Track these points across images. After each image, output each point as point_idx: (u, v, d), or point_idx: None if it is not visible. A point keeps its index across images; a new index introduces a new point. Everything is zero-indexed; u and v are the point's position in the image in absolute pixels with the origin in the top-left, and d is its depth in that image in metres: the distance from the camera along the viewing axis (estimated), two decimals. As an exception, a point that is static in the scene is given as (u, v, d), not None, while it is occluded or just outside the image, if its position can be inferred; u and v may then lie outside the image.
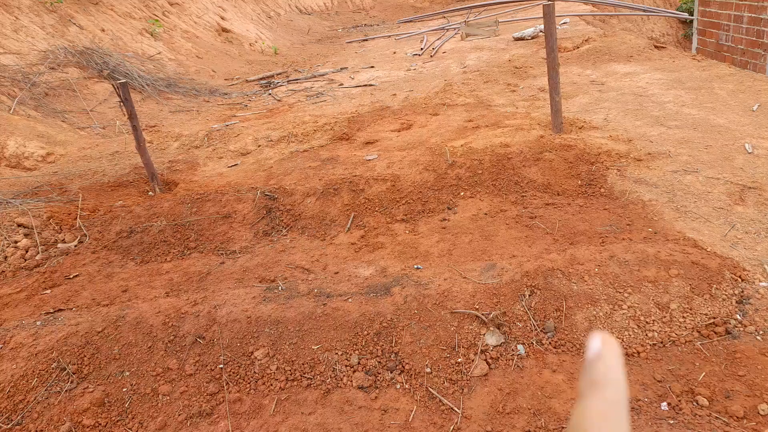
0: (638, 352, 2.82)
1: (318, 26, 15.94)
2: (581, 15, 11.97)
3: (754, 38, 12.15)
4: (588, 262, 3.19)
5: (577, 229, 3.84)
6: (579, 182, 4.42)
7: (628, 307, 2.95)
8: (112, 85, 5.09)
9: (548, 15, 5.12)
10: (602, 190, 4.32)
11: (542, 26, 10.31)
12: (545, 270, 3.14)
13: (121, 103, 4.97)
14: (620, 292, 3.01)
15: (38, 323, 3.22)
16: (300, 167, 5.41)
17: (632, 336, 2.87)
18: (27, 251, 4.34)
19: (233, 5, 13.41)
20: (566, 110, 5.76)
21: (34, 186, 5.31)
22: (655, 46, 8.71)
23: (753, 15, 11.86)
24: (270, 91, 9.00)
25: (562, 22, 11.00)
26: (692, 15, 13.90)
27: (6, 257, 4.24)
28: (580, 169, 4.52)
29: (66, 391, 2.85)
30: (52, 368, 2.93)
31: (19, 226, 4.48)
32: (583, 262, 3.19)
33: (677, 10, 17.67)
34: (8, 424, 2.75)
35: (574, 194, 4.33)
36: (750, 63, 11.82)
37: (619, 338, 2.87)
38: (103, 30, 8.74)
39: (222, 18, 12.16)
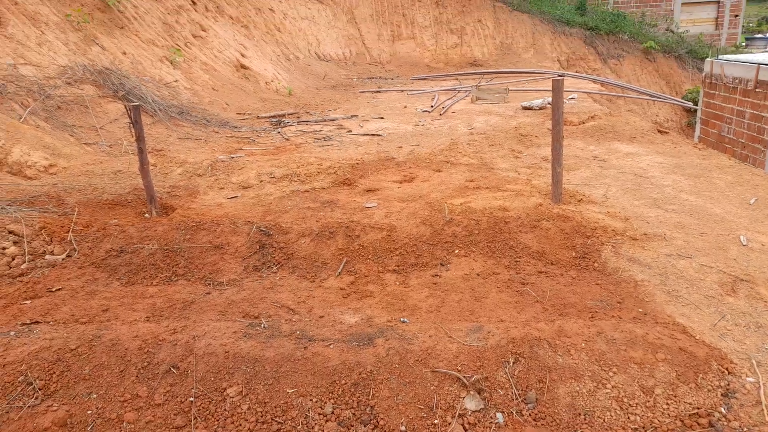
0: (619, 435, 2.75)
1: (334, 73, 16.36)
2: (589, 93, 12.33)
3: (755, 134, 12.47)
4: (575, 335, 3.16)
5: (567, 300, 3.82)
6: (573, 254, 4.44)
7: (612, 387, 2.90)
8: (125, 105, 5.16)
9: (557, 89, 5.27)
10: (596, 264, 4.32)
11: (549, 98, 10.61)
12: (532, 339, 3.10)
13: (131, 125, 5.04)
14: (605, 371, 2.96)
15: (11, 333, 3.15)
16: (299, 206, 5.43)
17: (614, 417, 2.81)
18: (13, 259, 4.29)
19: (254, 44, 13.80)
20: (567, 182, 5.84)
21: (32, 195, 5.30)
22: (659, 131, 8.94)
23: (755, 112, 12.24)
24: (279, 130, 9.15)
25: (570, 97, 11.32)
26: (696, 105, 14.34)
27: (-9, 263, 4.19)
28: (576, 241, 4.54)
29: (29, 406, 2.75)
30: (19, 381, 2.84)
31: (9, 233, 4.45)
32: (570, 335, 3.16)
33: (683, 98, 18.23)
34: (-38, 436, 2.64)
35: (567, 265, 4.34)
36: (750, 157, 12.09)
37: (600, 418, 2.80)
38: (124, 53, 8.96)
39: (242, 55, 12.49)
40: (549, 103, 10.24)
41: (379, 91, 14.14)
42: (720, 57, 14.71)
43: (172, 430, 2.71)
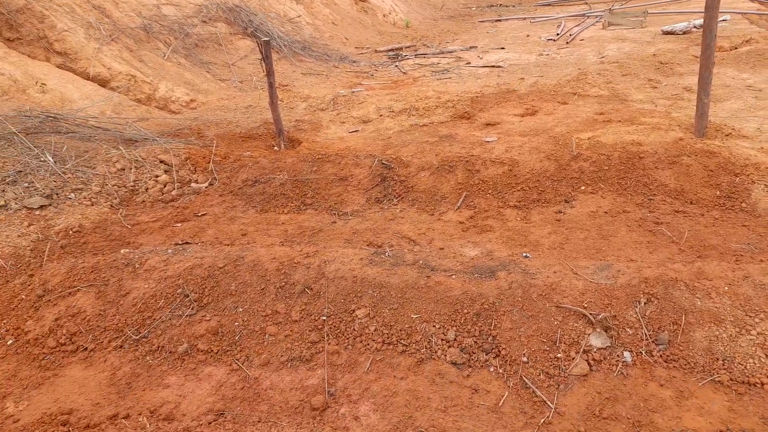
0: (762, 383, 2.57)
1: (452, 2, 15.74)
2: (745, 13, 10.78)
3: None
4: (717, 278, 2.94)
5: (708, 242, 3.54)
6: (717, 193, 4.06)
7: (758, 334, 2.69)
8: (257, 42, 5.39)
9: (711, 8, 4.67)
10: (743, 204, 3.93)
11: (696, 21, 9.44)
12: (667, 279, 2.93)
13: (262, 60, 5.26)
14: (751, 317, 2.75)
15: (169, 251, 3.56)
16: (418, 140, 5.44)
17: (757, 365, 2.62)
18: (165, 186, 4.78)
19: (372, -25, 13.59)
20: (713, 114, 5.26)
21: (177, 128, 5.81)
22: (832, 54, 7.66)
23: None
24: (397, 63, 9.09)
25: (722, 18, 9.97)
26: None
27: (147, 188, 4.71)
28: (721, 179, 4.13)
29: (187, 315, 3.14)
30: (177, 293, 3.24)
31: (161, 162, 4.94)
32: (711, 278, 2.94)
33: None
34: (137, 335, 3.09)
35: (709, 205, 3.99)
36: None
37: (741, 365, 2.63)
38: (251, -10, 9.25)
39: (360, -13, 12.38)
40: (695, 27, 9.13)
41: (499, 20, 13.44)
42: None
43: (307, 344, 2.96)
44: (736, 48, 7.82)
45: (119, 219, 4.31)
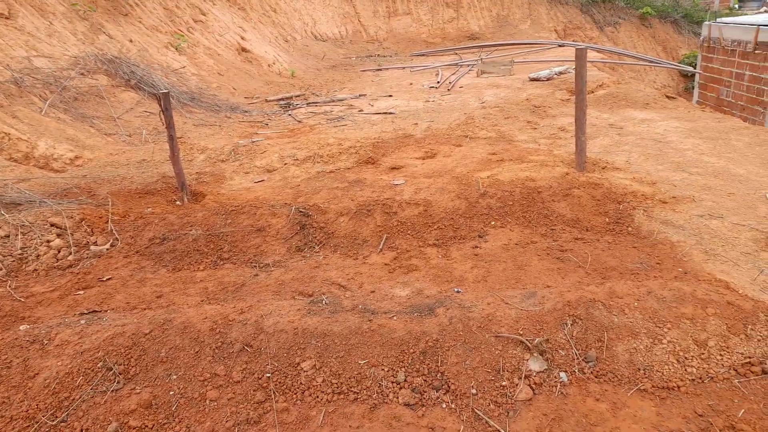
0: (678, 387, 2.88)
1: (332, 53, 16.27)
2: (592, 61, 12.35)
3: (755, 96, 12.55)
4: (627, 296, 3.28)
5: (608, 264, 3.95)
6: (607, 219, 4.55)
7: (668, 342, 3.03)
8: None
9: (580, 58, 5.33)
10: (629, 228, 4.44)
11: (556, 68, 10.64)
12: (586, 301, 3.22)
13: (161, 112, 5.06)
14: (659, 327, 3.09)
15: (82, 322, 3.23)
16: (327, 187, 5.50)
17: (672, 371, 2.94)
18: (59, 251, 4.35)
19: (253, 27, 13.68)
20: (588, 150, 5.92)
21: (64, 187, 5.34)
22: (666, 96, 9.01)
23: (754, 74, 12.30)
24: (290, 112, 9.15)
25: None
26: (695, 69, 14.39)
27: (38, 255, 4.26)
28: (608, 207, 4.65)
29: (112, 391, 2.85)
30: (98, 367, 2.94)
31: (52, 225, 4.51)
32: (622, 296, 3.28)
33: (680, 63, 18.26)
34: (53, 420, 2.74)
35: (602, 231, 4.45)
36: (749, 119, 12.19)
37: (659, 372, 2.94)
38: (131, 41, 8.90)
39: (242, 38, 12.40)
40: (556, 74, 10.28)
41: (380, 69, 14.10)
42: (718, 20, 14.73)
43: (253, 404, 2.82)
44: (593, 92, 8.91)
45: (9, 292, 3.84)
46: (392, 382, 2.91)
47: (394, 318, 3.19)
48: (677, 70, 18.49)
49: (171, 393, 2.85)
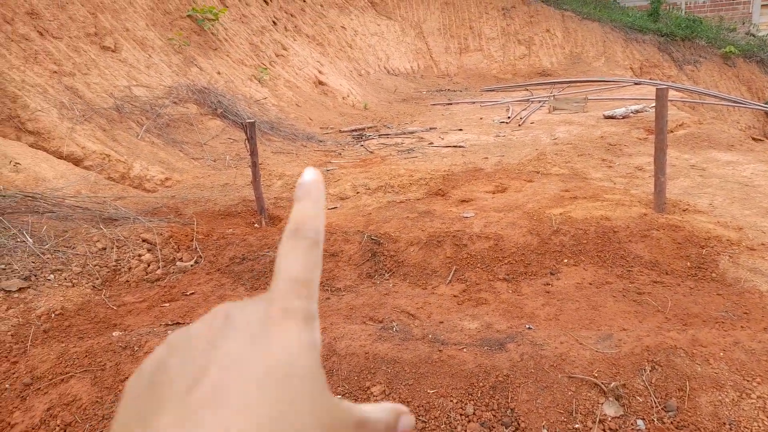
0: (768, 446, 2.71)
1: (404, 87, 16.64)
2: (672, 100, 11.99)
3: None
4: (711, 345, 3.13)
5: (690, 311, 3.78)
6: (688, 264, 4.37)
7: (757, 397, 2.86)
8: (240, 124, 5.52)
9: (661, 98, 5.23)
10: (713, 275, 4.25)
11: (632, 107, 10.41)
12: (667, 347, 3.10)
13: (247, 141, 5.38)
14: (748, 381, 2.93)
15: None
16: (398, 216, 5.60)
17: (761, 428, 2.77)
18: (149, 265, 4.66)
19: (329, 61, 14.27)
20: (667, 191, 5.74)
21: (155, 206, 5.73)
22: (753, 138, 8.60)
23: None
24: (362, 143, 9.42)
25: (652, 105, 11.04)
26: (785, 110, 13.64)
27: (130, 268, 4.57)
28: (690, 251, 4.47)
29: (193, 399, 3.00)
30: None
31: (143, 241, 4.84)
32: (706, 345, 3.13)
33: (766, 104, 17.37)
34: None
35: (683, 275, 4.28)
36: None
37: (747, 429, 2.77)
38: (219, 73, 9.51)
39: (319, 72, 12.95)
40: (633, 112, 10.06)
41: (450, 103, 14.28)
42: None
43: (324, 424, 2.89)
44: (672, 132, 8.63)
45: (103, 300, 4.14)
46: (461, 414, 2.91)
47: (464, 350, 3.20)
48: (763, 112, 17.58)
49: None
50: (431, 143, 9.22)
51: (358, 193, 6.50)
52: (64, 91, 6.57)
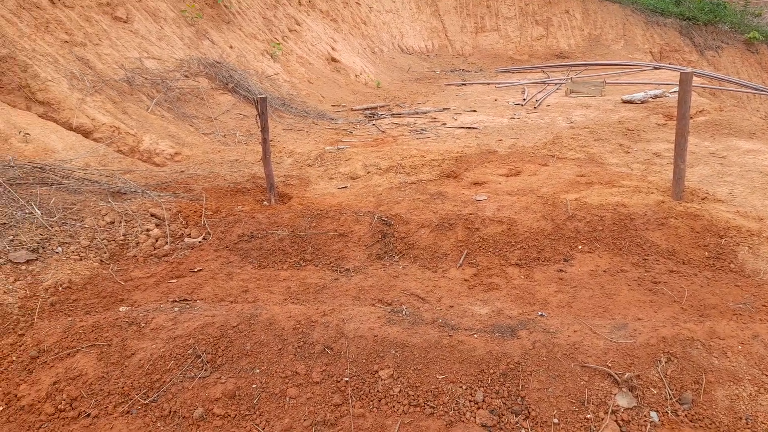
0: (785, 443, 2.64)
1: (417, 66, 16.39)
2: (693, 86, 11.70)
3: None
4: (729, 338, 3.05)
5: (707, 302, 3.69)
6: (706, 254, 4.26)
7: (776, 393, 2.78)
8: (251, 99, 5.43)
9: (685, 82, 5.08)
10: (732, 265, 4.14)
11: (651, 92, 10.17)
12: (683, 338, 3.02)
13: (258, 116, 5.28)
14: (767, 375, 2.85)
15: (176, 309, 3.41)
16: (409, 198, 5.51)
17: (778, 424, 2.70)
18: (157, 240, 4.62)
19: (343, 38, 14.05)
20: (686, 179, 5.59)
21: (164, 181, 5.68)
22: (775, 126, 8.37)
23: None
24: (374, 122, 9.29)
25: (672, 90, 10.79)
26: (808, 99, 13.30)
27: (138, 243, 4.54)
28: (708, 241, 4.36)
29: (200, 378, 2.98)
30: (188, 354, 3.08)
31: (152, 215, 4.80)
32: (723, 337, 3.05)
33: (789, 92, 16.94)
34: (146, 399, 2.90)
35: (700, 265, 4.18)
36: None
37: (764, 423, 2.70)
38: (231, 47, 9.38)
39: (332, 48, 12.76)
40: (652, 97, 9.83)
41: (464, 84, 14.05)
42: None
43: (331, 407, 2.85)
44: (692, 118, 8.42)
45: (110, 274, 4.12)
46: (470, 401, 2.86)
47: (475, 336, 3.13)
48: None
49: (254, 386, 2.94)
50: (444, 124, 9.08)
51: (369, 173, 6.41)
52: (74, 61, 6.49)
